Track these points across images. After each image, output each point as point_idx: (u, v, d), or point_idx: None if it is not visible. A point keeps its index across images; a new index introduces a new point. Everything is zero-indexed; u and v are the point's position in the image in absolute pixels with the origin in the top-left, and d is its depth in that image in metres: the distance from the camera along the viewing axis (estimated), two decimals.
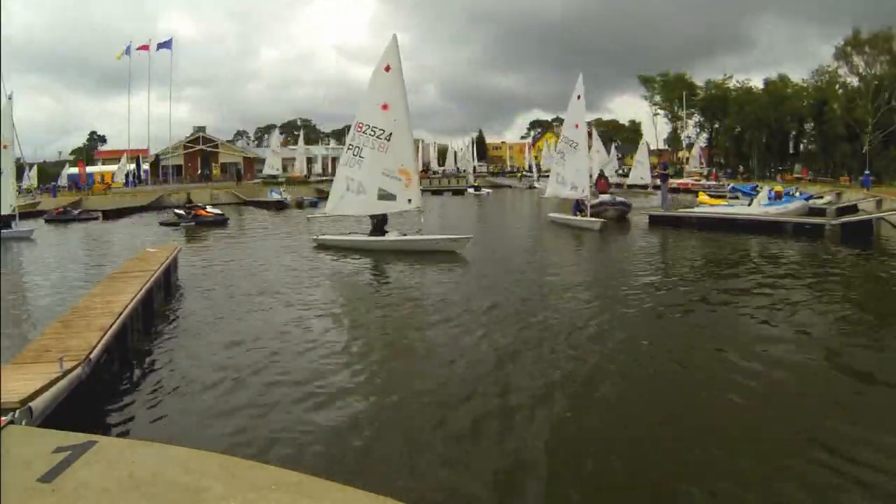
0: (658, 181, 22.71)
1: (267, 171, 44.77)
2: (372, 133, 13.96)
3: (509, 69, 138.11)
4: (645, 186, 40.74)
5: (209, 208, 24.02)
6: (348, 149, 14.65)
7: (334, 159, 53.15)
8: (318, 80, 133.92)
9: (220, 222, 22.54)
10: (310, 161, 50.48)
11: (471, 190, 46.40)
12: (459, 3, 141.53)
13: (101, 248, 17.83)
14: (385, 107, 13.88)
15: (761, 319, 7.48)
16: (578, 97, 19.17)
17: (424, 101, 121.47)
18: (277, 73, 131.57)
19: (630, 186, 41.34)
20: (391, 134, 13.82)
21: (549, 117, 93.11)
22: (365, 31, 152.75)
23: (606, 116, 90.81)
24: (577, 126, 19.37)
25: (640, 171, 42.61)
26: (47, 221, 26.30)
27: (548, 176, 54.13)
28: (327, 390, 5.32)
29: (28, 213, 29.24)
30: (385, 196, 13.96)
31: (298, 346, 6.67)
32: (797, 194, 24.32)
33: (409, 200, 14.00)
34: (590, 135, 27.19)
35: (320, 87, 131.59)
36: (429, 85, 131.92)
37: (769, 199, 21.31)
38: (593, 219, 18.13)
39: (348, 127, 67.81)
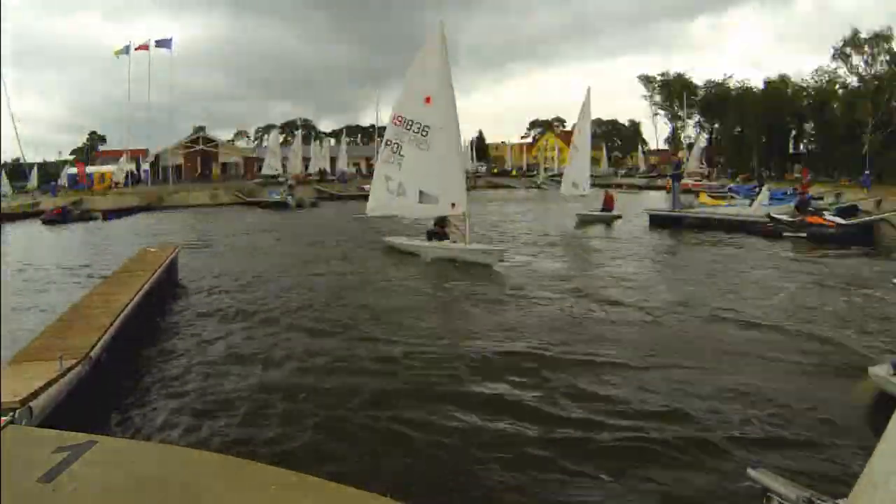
0: (670, 181, 22.58)
1: (266, 171, 44.70)
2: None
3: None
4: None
5: None
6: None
7: (333, 159, 52.86)
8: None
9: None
10: (307, 161, 50.19)
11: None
12: None
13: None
14: (428, 100, 12.45)
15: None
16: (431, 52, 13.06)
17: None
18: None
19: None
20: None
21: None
22: None
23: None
24: (427, 100, 12.82)
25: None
26: (44, 223, 25.19)
27: (552, 177, 53.22)
28: (332, 389, 5.32)
29: (28, 214, 29.19)
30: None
31: (300, 345, 6.67)
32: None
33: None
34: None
35: None
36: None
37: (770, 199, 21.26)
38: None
39: (348, 127, 66.95)
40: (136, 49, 40.11)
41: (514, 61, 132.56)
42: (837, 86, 42.30)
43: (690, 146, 53.71)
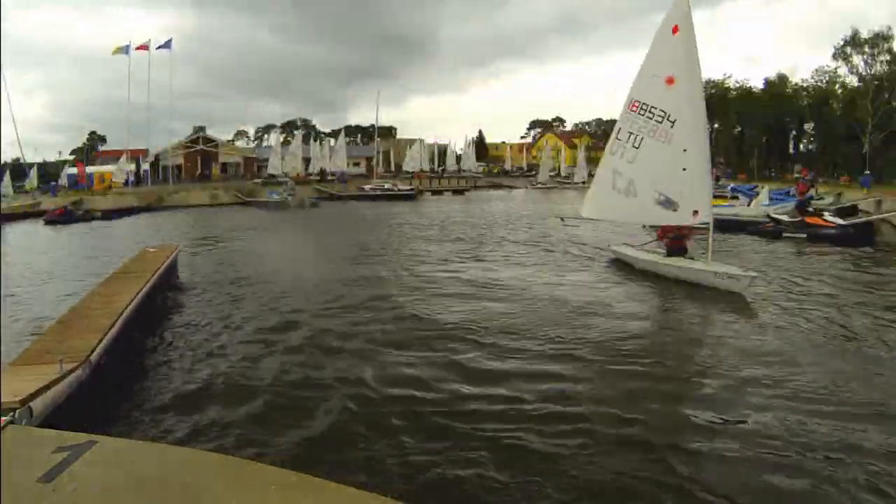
0: None
1: (271, 171, 44.70)
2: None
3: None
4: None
5: None
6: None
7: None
8: None
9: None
10: (307, 161, 50.00)
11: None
12: None
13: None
14: (670, 81, 10.16)
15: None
16: (675, 29, 10.25)
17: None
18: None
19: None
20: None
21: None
22: None
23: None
24: (669, 81, 10.29)
25: None
26: (47, 223, 25.30)
27: (553, 176, 57.97)
28: (327, 388, 5.32)
29: (28, 214, 29.11)
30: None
31: (299, 346, 6.67)
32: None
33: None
34: None
35: None
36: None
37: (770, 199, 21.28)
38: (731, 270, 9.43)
39: (348, 127, 65.99)
40: (136, 48, 40.04)
41: (502, 59, 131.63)
42: (837, 86, 42.29)
43: None
